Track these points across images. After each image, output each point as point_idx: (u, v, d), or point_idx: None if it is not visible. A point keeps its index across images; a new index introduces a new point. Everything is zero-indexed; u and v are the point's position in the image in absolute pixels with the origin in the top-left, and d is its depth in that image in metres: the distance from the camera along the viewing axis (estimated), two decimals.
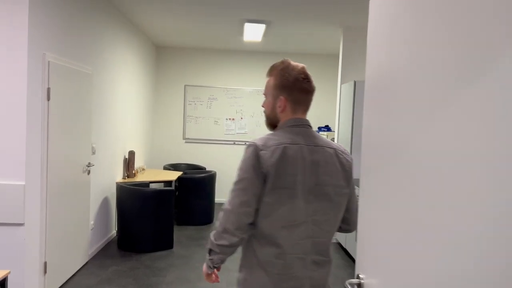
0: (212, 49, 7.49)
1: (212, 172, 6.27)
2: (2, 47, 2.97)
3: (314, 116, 7.55)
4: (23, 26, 2.98)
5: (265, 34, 6.02)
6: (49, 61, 3.32)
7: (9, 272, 2.09)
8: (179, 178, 5.98)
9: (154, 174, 5.97)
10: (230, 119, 7.54)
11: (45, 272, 3.38)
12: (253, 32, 5.80)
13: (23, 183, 3.03)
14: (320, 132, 7.02)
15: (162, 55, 7.49)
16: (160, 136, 7.56)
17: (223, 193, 7.57)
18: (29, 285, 3.15)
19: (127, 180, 5.42)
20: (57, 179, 3.55)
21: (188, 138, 7.57)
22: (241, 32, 5.99)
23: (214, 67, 7.52)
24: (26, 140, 3.03)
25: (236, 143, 7.59)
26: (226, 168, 7.59)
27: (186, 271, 4.21)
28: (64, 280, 3.77)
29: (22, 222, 3.03)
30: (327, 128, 7.13)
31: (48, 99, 3.35)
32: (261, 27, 5.49)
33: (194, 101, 7.54)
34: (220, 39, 6.56)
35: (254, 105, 7.53)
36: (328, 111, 7.58)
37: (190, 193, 6.02)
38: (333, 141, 5.55)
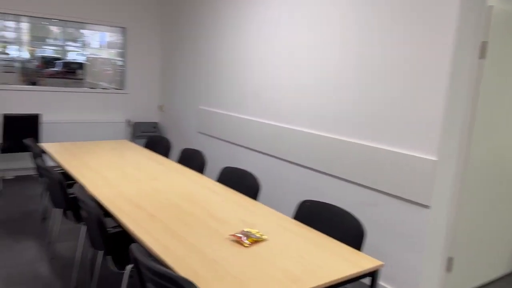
0: None
1: None
2: None
3: None
4: None
5: None
6: (491, 6, 2.53)
7: (381, 265, 1.67)
8: None
9: None
10: None
11: (448, 269, 2.79)
12: None
13: (435, 158, 2.51)
14: None
15: None
16: None
17: None
18: (426, 278, 2.68)
19: None
20: (480, 160, 2.78)
21: None
22: None
23: None
24: (444, 106, 2.46)
25: None
26: None
27: None
28: (474, 286, 3.04)
29: (428, 205, 2.55)
30: None
31: (482, 57, 2.59)
32: None
33: None
34: None
35: None
36: None
37: None
38: None
